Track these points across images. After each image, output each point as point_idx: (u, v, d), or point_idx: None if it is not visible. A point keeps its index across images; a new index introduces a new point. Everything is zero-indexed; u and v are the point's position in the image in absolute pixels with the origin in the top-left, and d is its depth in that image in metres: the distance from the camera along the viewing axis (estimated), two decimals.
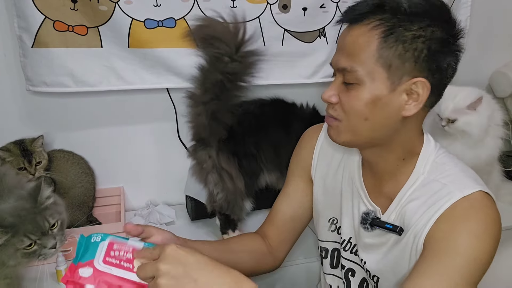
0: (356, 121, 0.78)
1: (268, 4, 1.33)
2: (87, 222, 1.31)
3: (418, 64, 0.73)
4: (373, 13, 0.75)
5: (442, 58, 0.75)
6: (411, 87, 0.75)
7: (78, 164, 1.33)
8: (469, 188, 0.75)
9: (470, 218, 0.73)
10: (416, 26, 0.73)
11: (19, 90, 1.28)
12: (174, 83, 1.33)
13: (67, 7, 1.18)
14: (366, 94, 0.76)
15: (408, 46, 0.73)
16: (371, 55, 0.74)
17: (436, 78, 0.75)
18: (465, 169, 0.82)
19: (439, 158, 0.82)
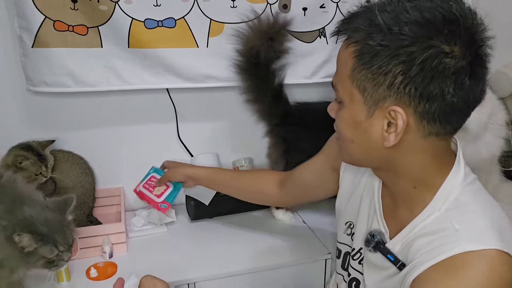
0: (345, 142, 0.76)
1: (268, 4, 1.33)
2: (87, 222, 1.31)
3: (394, 90, 0.65)
4: (352, 29, 0.69)
5: (427, 84, 0.63)
6: (390, 115, 0.67)
7: (78, 164, 1.33)
8: (483, 242, 0.65)
9: (467, 277, 0.64)
10: (392, 44, 0.63)
11: (19, 90, 1.28)
12: (174, 83, 1.33)
13: (67, 7, 1.18)
14: (347, 115, 0.72)
15: (380, 69, 0.65)
16: (347, 76, 0.69)
17: (425, 106, 0.65)
18: (493, 216, 0.69)
19: (464, 196, 0.71)
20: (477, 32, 0.66)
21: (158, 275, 1.14)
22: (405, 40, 0.63)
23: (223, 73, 1.35)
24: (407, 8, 0.64)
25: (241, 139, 1.56)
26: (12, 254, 0.90)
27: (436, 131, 0.68)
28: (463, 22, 0.64)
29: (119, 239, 1.23)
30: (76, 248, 1.20)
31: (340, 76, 0.72)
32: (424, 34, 0.63)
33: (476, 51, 0.65)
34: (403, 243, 0.76)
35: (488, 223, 0.67)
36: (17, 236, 0.88)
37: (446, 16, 0.63)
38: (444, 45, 0.63)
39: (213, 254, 1.23)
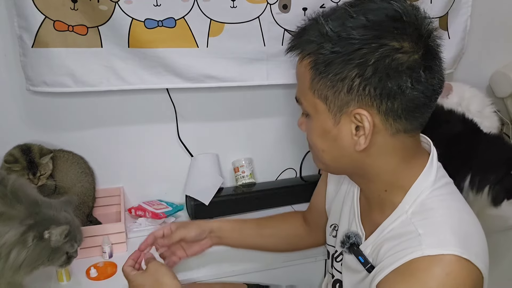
0: (317, 152, 0.77)
1: (268, 4, 1.33)
2: (87, 222, 1.31)
3: (353, 93, 0.66)
4: (303, 43, 0.70)
5: (385, 82, 0.64)
6: (355, 118, 0.68)
7: (77, 164, 1.33)
8: (441, 247, 0.64)
9: (422, 281, 0.64)
10: (344, 50, 0.65)
11: (19, 90, 1.28)
12: (174, 83, 1.33)
13: (67, 7, 1.18)
14: (315, 126, 0.73)
15: (336, 76, 0.66)
16: (308, 88, 0.71)
17: (387, 105, 0.66)
18: (458, 222, 0.68)
19: (431, 200, 0.71)
20: (422, 25, 0.67)
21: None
22: (355, 44, 0.64)
23: (223, 73, 1.35)
24: (351, 14, 0.66)
25: (241, 139, 1.56)
26: (40, 252, 0.92)
27: (404, 128, 0.69)
28: (406, 18, 0.66)
29: (119, 239, 1.23)
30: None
31: (301, 90, 0.74)
32: (372, 35, 0.64)
33: (425, 43, 0.67)
34: (374, 245, 0.77)
35: (450, 229, 0.67)
36: (48, 233, 0.91)
37: (389, 14, 0.65)
38: (393, 42, 0.64)
39: (213, 254, 1.23)
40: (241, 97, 1.49)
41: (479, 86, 1.79)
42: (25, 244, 0.89)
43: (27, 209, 0.91)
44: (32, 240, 0.90)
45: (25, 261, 0.91)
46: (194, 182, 1.46)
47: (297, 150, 1.61)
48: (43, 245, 0.91)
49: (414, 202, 0.71)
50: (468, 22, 1.60)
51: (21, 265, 0.91)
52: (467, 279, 0.64)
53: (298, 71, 0.74)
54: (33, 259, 0.92)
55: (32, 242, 0.90)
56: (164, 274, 0.86)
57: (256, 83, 1.41)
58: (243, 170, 1.54)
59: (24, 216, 0.90)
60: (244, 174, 1.53)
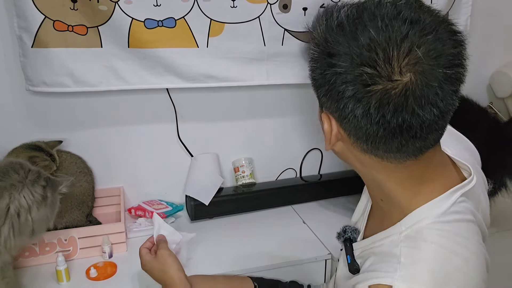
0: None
1: (268, 4, 1.33)
2: (86, 221, 1.31)
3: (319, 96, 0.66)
4: None
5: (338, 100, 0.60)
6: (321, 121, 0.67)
7: (75, 164, 1.33)
8: (412, 283, 0.60)
9: None
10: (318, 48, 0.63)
11: (18, 90, 1.28)
12: (174, 83, 1.33)
13: (67, 7, 1.17)
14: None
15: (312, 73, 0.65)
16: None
17: (346, 124, 0.62)
18: (441, 263, 0.62)
19: (428, 231, 0.65)
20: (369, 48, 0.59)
21: None
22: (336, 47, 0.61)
23: (223, 73, 1.35)
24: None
25: (241, 139, 1.56)
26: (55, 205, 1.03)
27: (368, 150, 0.64)
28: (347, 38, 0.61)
29: (119, 239, 1.23)
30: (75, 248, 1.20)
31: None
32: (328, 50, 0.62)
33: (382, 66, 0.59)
34: (363, 251, 0.76)
35: (431, 267, 0.62)
36: (62, 187, 1.04)
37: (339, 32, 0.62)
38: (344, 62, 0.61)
39: (213, 254, 1.23)
40: (241, 97, 1.49)
41: (479, 86, 1.80)
42: (46, 202, 0.99)
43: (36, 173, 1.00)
44: (52, 195, 1.00)
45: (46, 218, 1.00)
46: (194, 182, 1.46)
47: (297, 150, 1.61)
48: (56, 201, 1.02)
49: (411, 226, 0.66)
50: (468, 22, 1.60)
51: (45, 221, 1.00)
52: None
53: None
54: (51, 215, 1.02)
55: (52, 198, 1.00)
56: (170, 265, 0.91)
57: (256, 83, 1.41)
58: (243, 170, 1.54)
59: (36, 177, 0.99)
60: (244, 174, 1.53)
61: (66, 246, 1.19)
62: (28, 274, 1.15)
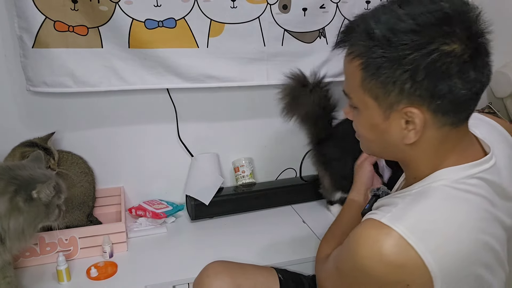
0: (366, 141, 0.81)
1: (268, 4, 1.33)
2: (87, 221, 1.32)
3: (404, 94, 0.68)
4: (352, 42, 0.71)
5: (435, 84, 0.66)
6: (406, 114, 0.70)
7: (77, 164, 1.33)
8: (397, 222, 0.67)
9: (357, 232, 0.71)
10: (394, 55, 0.66)
11: (19, 90, 1.28)
12: (174, 83, 1.33)
13: (68, 8, 1.18)
14: (364, 120, 0.76)
15: (387, 79, 0.67)
16: (358, 86, 0.72)
17: (437, 103, 0.67)
18: (433, 218, 0.68)
19: (434, 191, 0.71)
20: (472, 25, 0.67)
21: (158, 274, 1.15)
22: (405, 50, 0.65)
23: (223, 73, 1.35)
24: (400, 17, 0.66)
25: (241, 139, 1.56)
26: (36, 211, 0.96)
27: (451, 121, 0.70)
28: (457, 19, 0.66)
29: (119, 239, 1.23)
30: (76, 247, 1.20)
31: (350, 86, 0.75)
32: (423, 40, 0.65)
33: (475, 43, 0.67)
34: (378, 203, 0.83)
35: (420, 216, 0.68)
36: (36, 192, 0.94)
37: (439, 17, 0.66)
38: (444, 46, 0.65)
39: (213, 254, 1.23)
40: (241, 97, 1.50)
41: None
42: (19, 209, 0.93)
43: (2, 178, 0.93)
44: (24, 203, 0.93)
45: (25, 224, 0.94)
46: (194, 182, 1.46)
47: (297, 150, 1.61)
48: (36, 204, 0.95)
49: (424, 185, 0.73)
50: None
51: (22, 229, 0.94)
52: (394, 256, 0.65)
53: (347, 68, 0.75)
54: (32, 220, 0.95)
55: (25, 205, 0.93)
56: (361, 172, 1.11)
57: (256, 83, 1.41)
58: (243, 170, 1.54)
59: (4, 185, 0.92)
60: (244, 174, 1.54)
61: (66, 246, 1.20)
62: (29, 274, 1.15)
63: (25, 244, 1.00)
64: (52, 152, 1.23)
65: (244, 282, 1.05)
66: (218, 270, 1.04)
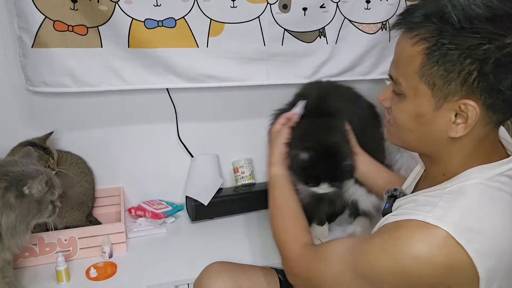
0: (403, 131, 0.77)
1: (268, 4, 1.33)
2: (86, 222, 1.31)
3: (466, 86, 0.65)
4: (419, 24, 0.67)
5: (500, 79, 0.64)
6: (459, 107, 0.67)
7: (76, 164, 1.33)
8: (443, 221, 0.65)
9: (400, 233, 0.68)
10: (465, 43, 0.63)
11: (19, 90, 1.28)
12: (174, 83, 1.33)
13: (67, 7, 1.18)
14: (410, 108, 0.72)
15: (453, 67, 0.65)
16: (414, 72, 0.69)
17: (494, 99, 0.66)
18: (476, 216, 0.67)
19: (471, 189, 0.70)
20: None
21: (158, 275, 1.15)
22: (479, 39, 0.63)
23: (223, 73, 1.35)
24: (477, 3, 0.64)
25: (241, 139, 1.56)
26: (28, 207, 0.95)
27: (496, 120, 0.69)
28: None
29: (119, 239, 1.23)
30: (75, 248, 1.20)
31: (404, 71, 0.71)
32: (498, 32, 0.63)
33: None
34: (401, 201, 0.80)
35: (463, 215, 0.67)
36: (27, 188, 0.94)
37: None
38: None
39: (213, 254, 1.23)
40: (241, 97, 1.49)
41: None
42: (10, 206, 0.92)
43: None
44: (15, 199, 0.93)
45: (18, 221, 0.94)
46: (194, 183, 1.46)
47: None
48: (28, 200, 0.95)
49: (457, 183, 0.71)
50: None
51: (15, 226, 0.94)
52: (444, 257, 0.64)
53: (405, 51, 0.70)
54: (24, 216, 0.95)
55: (16, 201, 0.93)
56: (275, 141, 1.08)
57: (256, 83, 1.41)
58: (243, 171, 1.54)
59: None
60: (244, 175, 1.53)
61: (66, 246, 1.19)
62: (28, 274, 1.15)
63: (20, 242, 0.99)
64: (51, 152, 1.22)
65: (244, 282, 1.05)
66: (219, 270, 1.05)
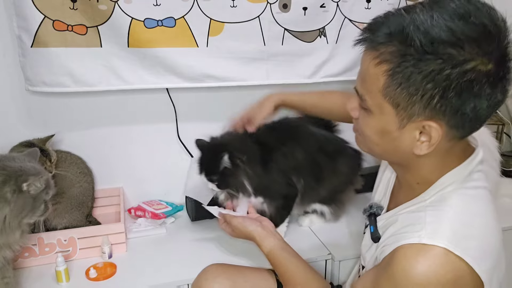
0: (369, 142, 0.77)
1: (268, 4, 1.33)
2: (86, 222, 1.31)
3: (429, 108, 0.65)
4: (383, 44, 0.66)
5: (463, 103, 0.64)
6: (423, 127, 0.68)
7: (76, 164, 1.32)
8: (436, 238, 0.66)
9: (403, 269, 0.67)
10: (427, 67, 0.62)
11: (18, 90, 1.27)
12: (174, 83, 1.33)
13: (67, 7, 1.17)
14: (375, 124, 0.73)
15: (416, 90, 0.64)
16: (378, 91, 0.68)
17: (458, 120, 0.66)
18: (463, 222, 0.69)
19: (450, 195, 0.72)
20: (507, 45, 0.65)
21: (158, 275, 1.14)
22: (441, 64, 0.62)
23: (223, 72, 1.35)
24: (442, 27, 0.62)
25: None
26: (23, 204, 0.95)
27: (461, 135, 0.70)
28: (495, 37, 0.63)
29: (119, 240, 1.23)
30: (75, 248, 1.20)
31: (369, 89, 0.71)
32: (461, 57, 0.62)
33: (506, 63, 0.65)
34: (387, 220, 0.83)
35: (452, 225, 0.69)
36: (27, 184, 0.93)
37: (480, 34, 0.62)
38: (481, 66, 0.62)
39: (213, 254, 1.23)
40: (241, 97, 1.49)
41: None
42: (6, 200, 0.92)
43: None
44: (12, 194, 0.92)
45: (11, 216, 0.93)
46: (194, 183, 1.46)
47: None
48: (23, 197, 0.94)
49: (436, 193, 0.73)
50: None
51: (9, 222, 0.93)
52: (450, 273, 0.65)
53: (368, 70, 0.69)
54: (18, 212, 0.94)
55: (12, 196, 0.92)
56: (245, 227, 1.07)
57: (256, 83, 1.41)
58: None
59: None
60: None
61: (65, 247, 1.19)
62: (28, 274, 1.14)
63: (11, 239, 0.98)
64: (49, 154, 1.22)
65: (242, 285, 1.05)
66: (217, 273, 1.05)
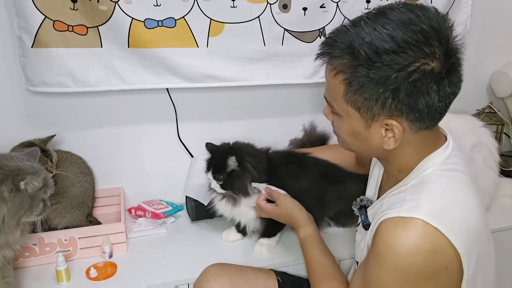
0: (346, 143, 0.85)
1: (268, 4, 1.33)
2: (86, 222, 1.31)
3: (386, 109, 0.73)
4: (337, 58, 0.74)
5: (415, 100, 0.71)
6: (386, 125, 0.75)
7: (76, 164, 1.32)
8: (415, 212, 0.72)
9: (384, 241, 0.72)
10: (376, 75, 0.70)
11: (18, 90, 1.28)
12: (174, 83, 1.33)
13: (67, 7, 1.18)
14: (346, 126, 0.81)
15: (370, 95, 0.72)
16: (341, 97, 0.76)
17: (416, 115, 0.73)
18: (442, 198, 0.75)
19: (429, 176, 0.78)
20: (449, 41, 0.71)
21: (158, 275, 1.15)
22: (388, 70, 0.69)
23: (223, 73, 1.35)
24: (384, 38, 0.69)
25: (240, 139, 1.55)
26: (21, 202, 0.95)
27: (426, 126, 0.76)
28: (435, 37, 0.69)
29: (119, 239, 1.23)
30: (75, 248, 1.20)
31: (333, 96, 0.79)
32: (404, 61, 0.69)
33: (452, 58, 0.71)
34: (374, 207, 0.89)
35: (431, 200, 0.74)
36: (24, 183, 0.94)
37: (419, 39, 0.69)
38: (424, 66, 0.69)
39: (213, 254, 1.23)
40: (241, 97, 1.49)
41: (479, 86, 1.80)
42: (3, 199, 0.92)
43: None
44: (9, 193, 0.92)
45: (8, 215, 0.93)
46: (194, 183, 1.46)
47: None
48: (21, 195, 0.94)
49: (416, 177, 0.79)
50: (468, 22, 1.60)
51: (5, 220, 0.93)
52: (428, 244, 0.70)
53: (329, 80, 0.78)
54: (16, 211, 0.94)
55: (10, 195, 0.92)
56: (292, 208, 1.09)
57: (256, 83, 1.41)
58: None
59: None
60: None
61: (66, 246, 1.19)
62: (28, 274, 1.15)
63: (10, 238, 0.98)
64: (50, 154, 1.22)
65: (243, 285, 1.06)
66: (217, 273, 1.05)
